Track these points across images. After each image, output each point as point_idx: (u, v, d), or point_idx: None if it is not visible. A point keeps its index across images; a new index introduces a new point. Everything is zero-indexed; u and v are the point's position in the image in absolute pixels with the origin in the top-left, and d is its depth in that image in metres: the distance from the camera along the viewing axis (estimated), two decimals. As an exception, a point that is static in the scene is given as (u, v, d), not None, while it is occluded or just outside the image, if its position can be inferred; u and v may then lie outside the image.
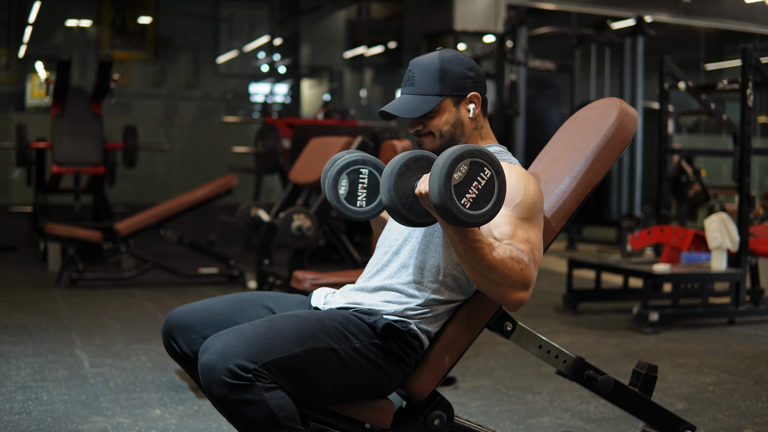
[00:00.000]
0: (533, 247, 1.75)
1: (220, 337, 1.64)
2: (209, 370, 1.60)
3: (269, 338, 1.65)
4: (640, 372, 2.15)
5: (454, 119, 1.88)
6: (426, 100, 1.86)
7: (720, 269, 4.67)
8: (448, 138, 1.89)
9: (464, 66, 1.88)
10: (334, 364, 1.72)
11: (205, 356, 1.62)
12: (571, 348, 3.94)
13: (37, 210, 6.98)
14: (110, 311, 4.74)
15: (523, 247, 1.72)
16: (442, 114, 1.87)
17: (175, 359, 1.90)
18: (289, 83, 10.55)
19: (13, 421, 2.71)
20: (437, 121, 1.88)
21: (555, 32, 8.76)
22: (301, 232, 3.95)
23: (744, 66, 4.73)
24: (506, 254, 1.68)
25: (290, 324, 1.70)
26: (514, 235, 1.74)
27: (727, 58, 11.55)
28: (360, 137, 4.11)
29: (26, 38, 8.94)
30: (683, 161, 7.34)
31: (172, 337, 1.86)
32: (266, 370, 1.62)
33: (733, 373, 3.61)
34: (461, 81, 1.87)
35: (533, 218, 1.78)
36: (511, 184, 1.77)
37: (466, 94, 1.88)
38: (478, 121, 1.92)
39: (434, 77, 1.86)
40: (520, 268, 1.69)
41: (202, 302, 1.91)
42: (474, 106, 1.89)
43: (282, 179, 7.51)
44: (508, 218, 1.75)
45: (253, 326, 1.67)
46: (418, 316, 1.83)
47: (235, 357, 1.60)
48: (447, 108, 1.88)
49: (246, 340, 1.63)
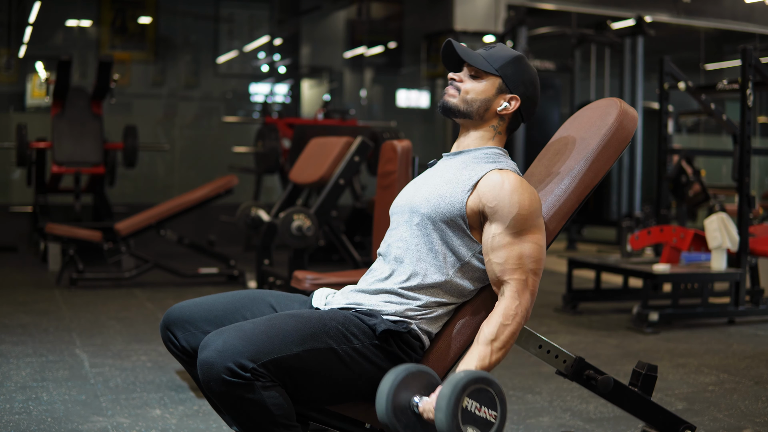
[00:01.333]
0: (528, 261, 1.79)
1: (220, 335, 1.64)
2: (208, 367, 1.61)
3: (269, 337, 1.65)
4: (640, 372, 2.16)
5: (486, 97, 1.92)
6: (485, 63, 1.92)
7: (720, 269, 4.67)
8: (468, 104, 1.92)
9: (531, 77, 1.95)
10: (335, 365, 1.72)
11: (204, 353, 1.63)
12: (571, 348, 3.94)
13: (37, 210, 6.98)
14: (110, 311, 4.74)
15: (515, 276, 1.79)
16: (482, 83, 1.92)
17: (172, 353, 1.89)
18: (289, 83, 10.55)
19: (13, 421, 2.71)
20: (473, 85, 1.92)
21: (555, 32, 8.76)
22: (301, 232, 3.95)
23: (744, 66, 4.73)
24: (501, 330, 1.76)
25: (291, 323, 1.71)
26: (506, 261, 1.79)
27: (727, 58, 11.55)
28: (360, 137, 4.11)
29: (26, 38, 8.94)
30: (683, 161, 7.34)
31: (171, 330, 1.86)
32: (265, 369, 1.62)
33: (733, 373, 3.61)
34: (519, 81, 1.93)
35: (531, 226, 1.80)
36: (504, 197, 1.79)
37: (512, 91, 1.92)
38: (500, 123, 1.94)
39: (506, 58, 1.93)
40: (517, 321, 1.79)
41: (204, 298, 1.91)
42: (508, 105, 1.92)
43: (282, 179, 7.51)
44: (504, 237, 1.79)
45: (253, 325, 1.68)
46: (418, 316, 1.83)
47: (235, 355, 1.60)
48: (490, 84, 1.92)
49: (246, 338, 1.63)
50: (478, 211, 1.83)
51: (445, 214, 1.84)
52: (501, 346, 1.76)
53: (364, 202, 6.89)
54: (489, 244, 1.80)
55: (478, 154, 1.91)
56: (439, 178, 1.91)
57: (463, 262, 1.85)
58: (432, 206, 1.86)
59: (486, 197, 1.81)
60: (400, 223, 1.93)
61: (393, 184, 3.14)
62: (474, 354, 1.75)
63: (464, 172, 1.87)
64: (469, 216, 1.83)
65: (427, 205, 1.86)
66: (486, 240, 1.81)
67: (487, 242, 1.81)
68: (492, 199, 1.80)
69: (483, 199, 1.81)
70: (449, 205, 1.84)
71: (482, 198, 1.81)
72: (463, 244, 1.85)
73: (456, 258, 1.85)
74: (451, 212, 1.83)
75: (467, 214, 1.83)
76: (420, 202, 1.89)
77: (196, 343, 1.82)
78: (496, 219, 1.80)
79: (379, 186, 3.25)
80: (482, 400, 1.63)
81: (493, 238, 1.80)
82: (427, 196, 1.88)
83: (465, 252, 1.85)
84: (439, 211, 1.84)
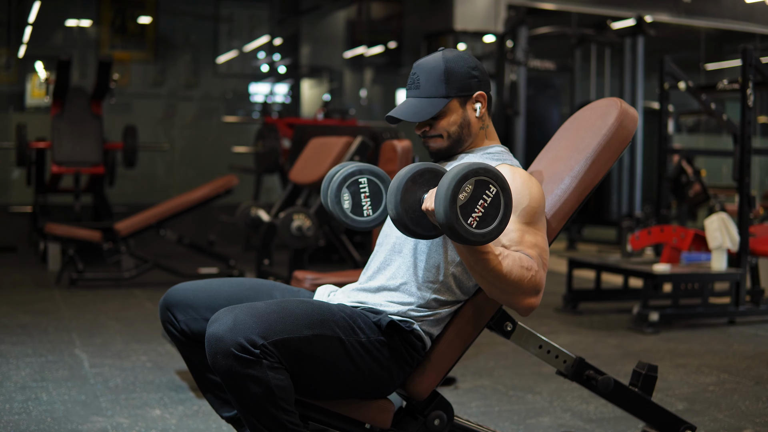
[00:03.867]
0: (541, 251, 1.76)
1: (231, 311, 1.64)
2: (217, 341, 1.60)
3: (281, 317, 1.66)
4: (640, 372, 2.15)
5: (461, 119, 1.88)
6: (432, 102, 1.85)
7: (720, 269, 4.67)
8: (456, 138, 1.89)
9: (468, 65, 1.88)
10: (340, 355, 1.72)
11: (214, 326, 1.62)
12: (571, 348, 3.94)
13: (37, 210, 6.98)
14: (110, 311, 4.74)
15: (531, 252, 1.73)
16: (449, 115, 1.87)
17: (169, 334, 1.88)
18: (289, 83, 10.55)
19: (13, 421, 2.71)
20: (444, 123, 1.88)
21: (555, 32, 8.75)
22: (301, 232, 3.95)
23: (744, 66, 4.72)
24: (516, 263, 1.69)
25: (302, 308, 1.71)
26: (522, 241, 1.74)
27: (727, 58, 11.54)
28: (360, 137, 4.11)
29: (26, 38, 8.94)
30: (683, 161, 7.34)
31: (171, 311, 1.85)
32: (275, 347, 1.62)
33: (733, 373, 3.61)
34: (466, 81, 1.87)
35: (539, 221, 1.79)
36: (516, 188, 1.77)
37: (471, 93, 1.88)
38: (484, 121, 1.92)
39: (439, 79, 1.85)
40: (531, 275, 1.70)
41: (207, 282, 1.90)
42: (480, 105, 1.89)
43: (282, 179, 7.50)
44: (516, 224, 1.76)
45: (265, 304, 1.68)
46: (420, 318, 1.83)
47: (246, 331, 1.60)
48: (454, 109, 1.87)
49: (258, 316, 1.63)
50: None
51: None
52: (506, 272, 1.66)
53: (364, 202, 6.88)
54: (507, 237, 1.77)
55: (483, 153, 1.92)
56: None
57: (464, 261, 1.84)
58: None
59: None
60: None
61: (393, 184, 3.13)
62: None
63: None
64: None
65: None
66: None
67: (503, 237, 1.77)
68: None
69: None
70: None
71: None
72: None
73: (457, 257, 1.84)
74: None
75: None
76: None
77: (197, 328, 1.82)
78: None
79: (379, 186, 3.24)
80: (482, 192, 1.58)
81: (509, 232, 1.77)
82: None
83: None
84: None
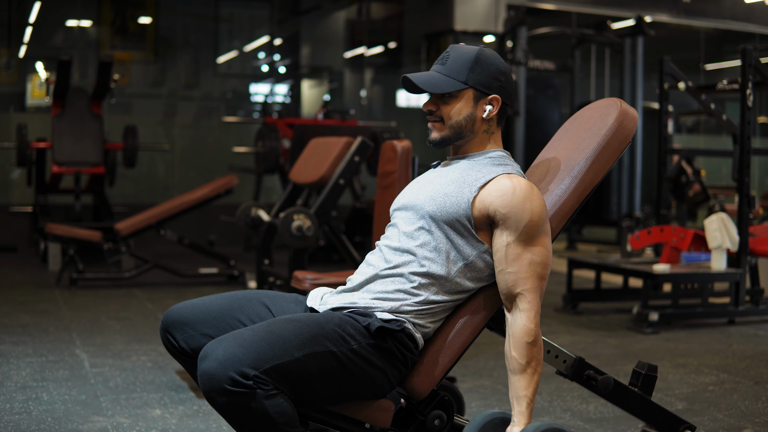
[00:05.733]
0: (538, 267, 1.81)
1: (219, 343, 1.63)
2: (210, 378, 1.60)
3: (269, 344, 1.64)
4: (640, 372, 2.16)
5: (468, 113, 1.89)
6: (450, 82, 1.86)
7: (720, 269, 4.67)
8: (456, 129, 1.89)
9: (498, 68, 1.89)
10: (334, 367, 1.72)
11: (205, 363, 1.61)
12: (571, 348, 3.94)
13: (37, 210, 6.98)
14: (110, 311, 4.74)
15: (527, 284, 1.81)
16: (459, 102, 1.88)
17: (172, 355, 1.90)
18: (289, 83, 10.55)
19: (13, 421, 2.71)
20: (451, 108, 1.88)
21: (555, 32, 8.76)
22: (301, 232, 3.95)
23: (744, 66, 4.73)
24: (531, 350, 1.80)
25: (289, 328, 1.70)
26: (519, 258, 1.80)
27: (727, 58, 11.55)
28: (360, 137, 4.11)
29: (26, 38, 8.95)
30: (683, 161, 7.34)
31: (170, 333, 1.86)
32: (267, 375, 1.61)
33: (733, 373, 3.61)
34: (489, 79, 1.88)
35: (540, 233, 1.82)
36: (516, 205, 1.79)
37: (489, 93, 1.88)
38: (490, 125, 1.92)
39: (466, 65, 1.87)
40: (535, 329, 1.81)
41: (201, 300, 1.91)
42: (491, 108, 1.89)
43: (282, 179, 7.51)
44: (516, 247, 1.80)
45: (252, 332, 1.66)
46: (413, 312, 1.83)
47: (236, 364, 1.59)
48: (466, 99, 1.88)
49: (246, 346, 1.62)
50: (486, 213, 1.82)
51: (451, 213, 1.83)
52: (536, 363, 1.80)
53: (364, 202, 6.89)
54: (503, 253, 1.81)
55: (482, 157, 1.91)
56: (444, 177, 1.91)
57: (467, 262, 1.85)
58: (437, 205, 1.85)
59: (497, 203, 1.80)
60: (403, 219, 1.92)
61: (393, 184, 3.14)
62: (517, 386, 1.80)
63: (471, 173, 1.87)
64: (476, 217, 1.83)
65: (433, 203, 1.86)
66: (498, 248, 1.82)
67: (500, 251, 1.81)
68: (504, 206, 1.80)
69: (494, 203, 1.81)
70: (455, 205, 1.83)
71: (493, 202, 1.81)
72: (467, 243, 1.84)
73: (460, 257, 1.84)
74: (456, 211, 1.83)
75: (473, 214, 1.83)
76: (425, 201, 1.88)
77: (195, 344, 1.83)
78: (509, 226, 1.80)
79: (379, 186, 3.25)
80: None
81: (507, 248, 1.80)
82: (433, 195, 1.87)
83: (470, 251, 1.84)
84: (445, 210, 1.84)
